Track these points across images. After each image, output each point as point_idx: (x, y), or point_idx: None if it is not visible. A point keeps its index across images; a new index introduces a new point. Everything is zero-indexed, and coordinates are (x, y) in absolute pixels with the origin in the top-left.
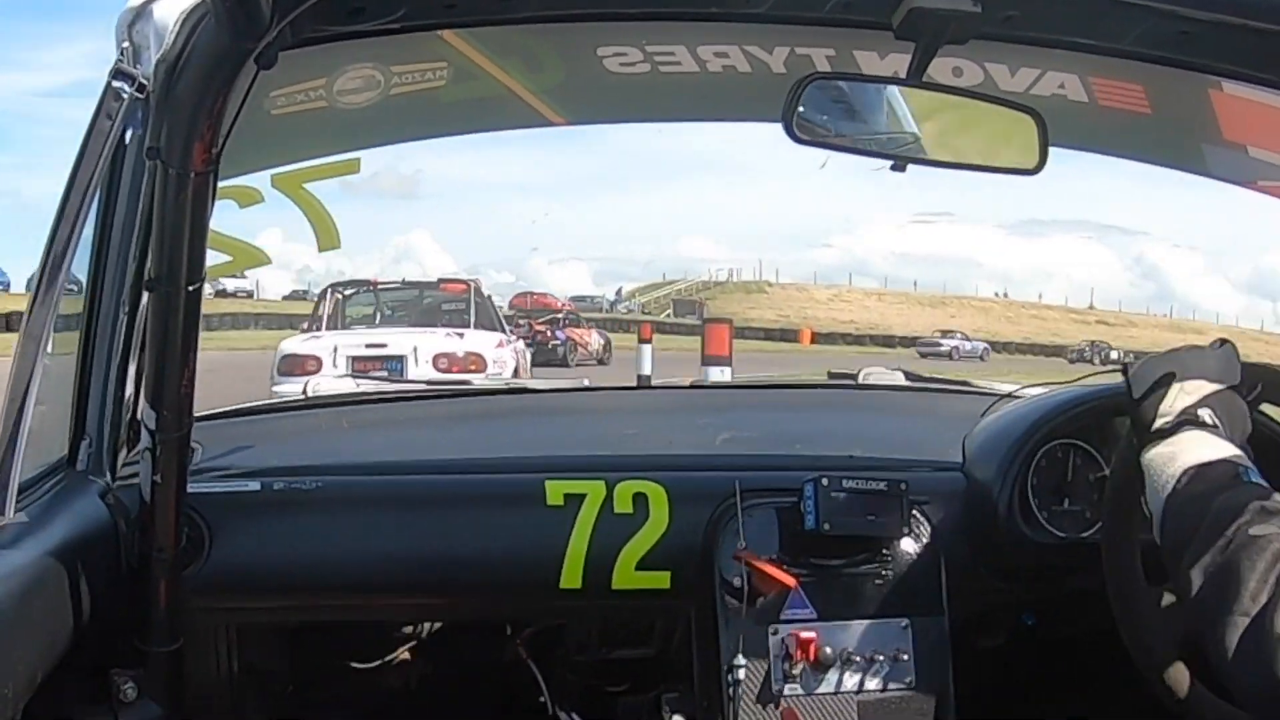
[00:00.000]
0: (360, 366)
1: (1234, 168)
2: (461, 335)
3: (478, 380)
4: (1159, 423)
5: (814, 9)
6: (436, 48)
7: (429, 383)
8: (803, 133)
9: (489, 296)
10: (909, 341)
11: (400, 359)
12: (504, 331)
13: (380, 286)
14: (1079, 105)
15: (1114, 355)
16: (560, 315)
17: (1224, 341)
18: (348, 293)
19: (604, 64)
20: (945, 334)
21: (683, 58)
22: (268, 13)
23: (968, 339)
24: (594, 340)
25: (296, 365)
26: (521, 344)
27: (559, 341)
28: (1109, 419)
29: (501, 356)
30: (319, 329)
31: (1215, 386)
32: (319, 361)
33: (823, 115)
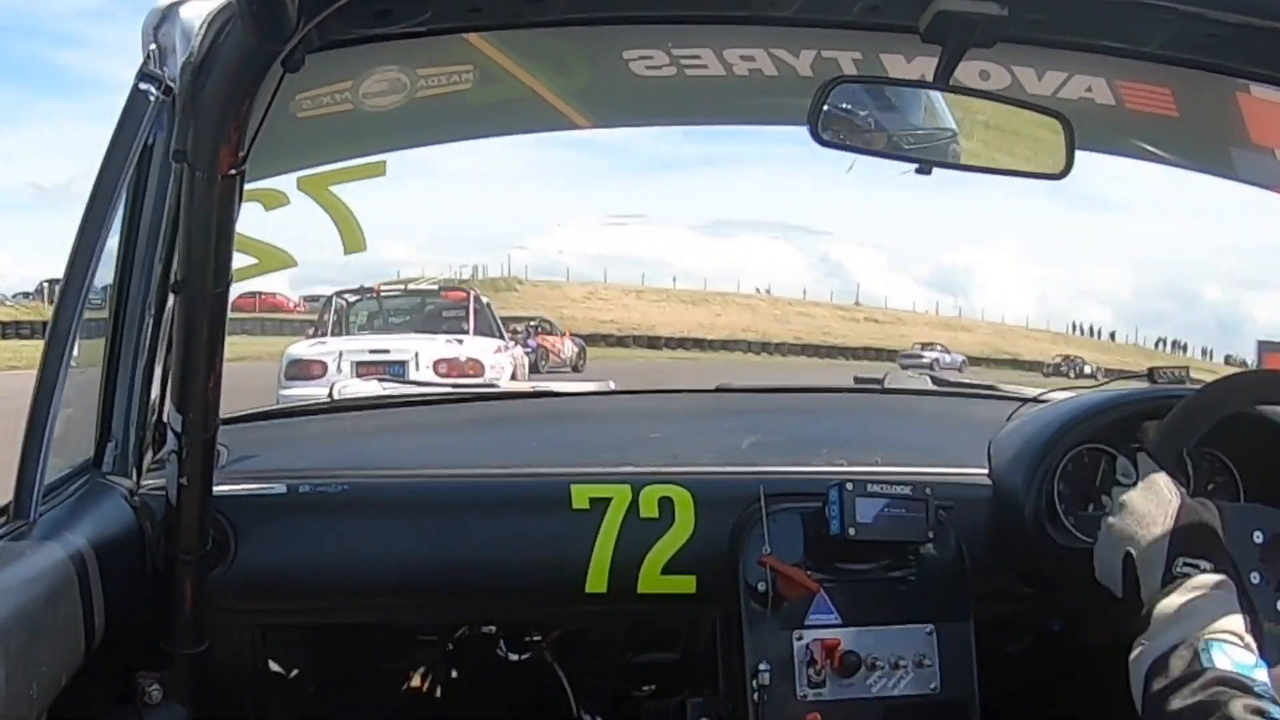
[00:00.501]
0: (364, 371)
1: (1262, 171)
2: (461, 341)
3: (501, 384)
4: (1146, 607)
5: (840, 12)
6: (462, 51)
7: (452, 386)
8: (828, 136)
9: (488, 304)
10: (674, 343)
11: (402, 364)
12: (502, 338)
13: (383, 294)
14: (1106, 109)
15: (1087, 370)
16: (533, 322)
17: (1134, 457)
18: (352, 300)
19: (630, 67)
20: (926, 346)
21: (708, 61)
22: (294, 15)
23: (947, 351)
24: (566, 347)
25: (303, 370)
26: (520, 350)
27: (529, 349)
28: (1136, 423)
29: (499, 362)
30: (324, 335)
31: (1165, 527)
32: (324, 366)
33: (848, 119)
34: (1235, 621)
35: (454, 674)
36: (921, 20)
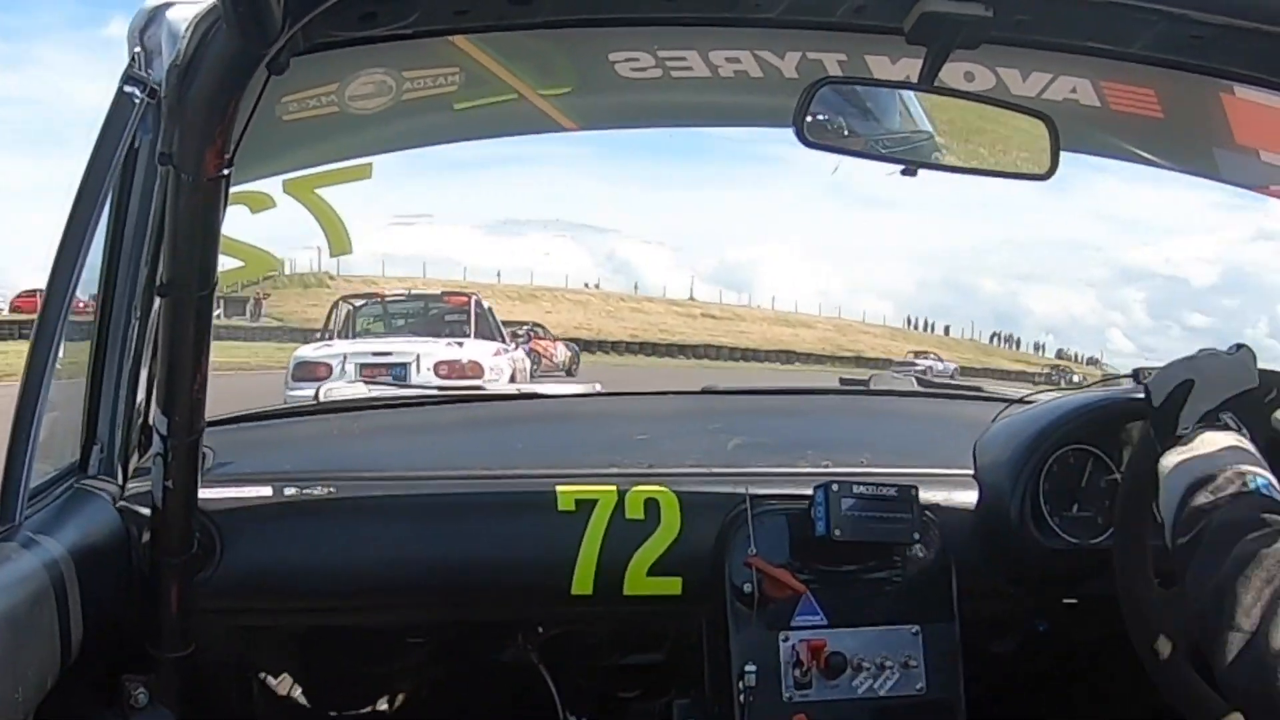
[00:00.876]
0: (368, 373)
1: (1246, 172)
2: (461, 344)
3: (490, 386)
4: (1179, 429)
5: (826, 14)
6: (448, 53)
7: (439, 388)
8: (814, 137)
9: (489, 308)
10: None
11: (404, 366)
12: (503, 341)
13: (388, 299)
14: (1091, 110)
15: (1075, 379)
16: (526, 326)
17: (1240, 346)
18: (358, 304)
19: (615, 69)
20: (919, 354)
21: (694, 63)
22: (279, 18)
23: (940, 359)
24: (560, 352)
25: (309, 371)
26: (521, 353)
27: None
28: (1121, 424)
29: (498, 364)
30: (330, 338)
31: (1233, 391)
32: (329, 368)
33: (834, 120)
34: (1274, 479)
35: (440, 676)
36: (906, 21)
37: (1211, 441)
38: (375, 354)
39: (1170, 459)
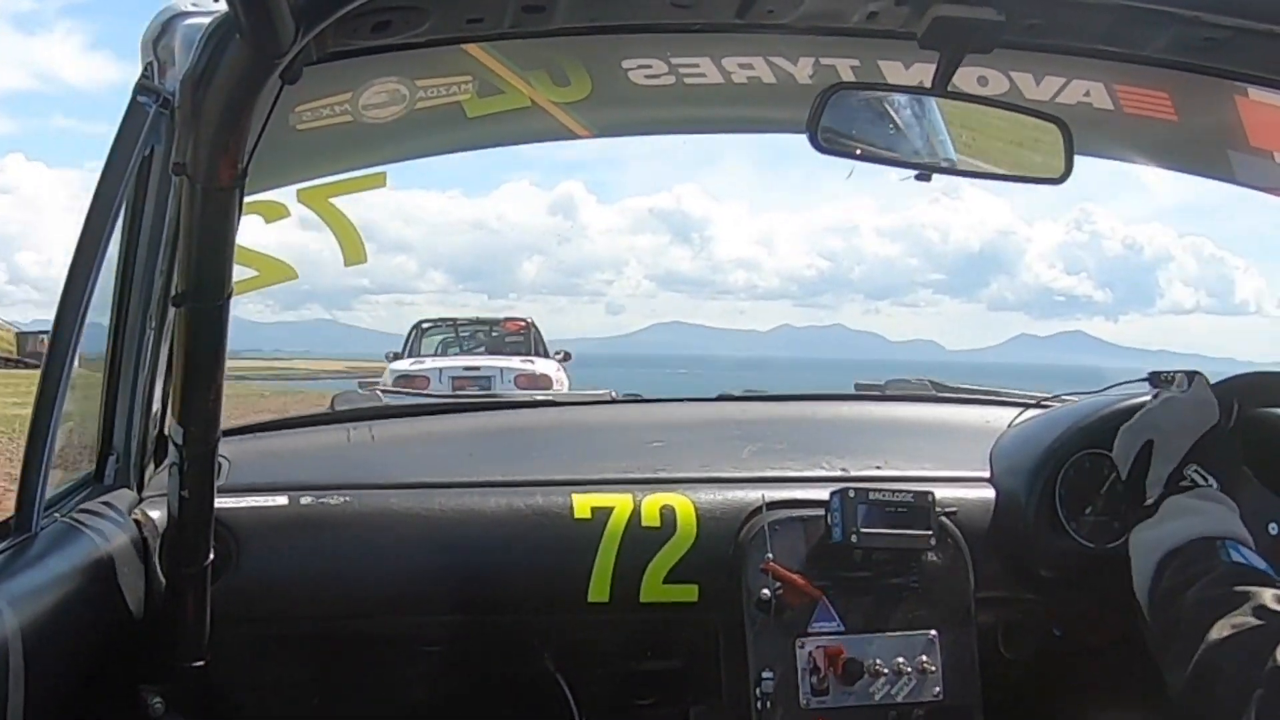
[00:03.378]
0: (459, 384)
1: (1260, 174)
2: (533, 361)
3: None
4: (1148, 498)
5: (839, 20)
6: (461, 61)
7: (460, 397)
8: (827, 143)
9: (539, 331)
10: None
11: (489, 378)
12: (547, 356)
13: (459, 323)
14: (1105, 113)
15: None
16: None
17: (1193, 376)
18: (426, 326)
19: (629, 76)
20: None
21: (707, 69)
22: (292, 27)
23: None
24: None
25: (409, 383)
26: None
27: None
28: None
29: (561, 377)
30: (415, 355)
31: (1194, 437)
32: (427, 380)
33: (847, 126)
34: (1245, 535)
35: (456, 684)
36: (919, 26)
37: (1177, 510)
38: (466, 368)
39: (1139, 535)
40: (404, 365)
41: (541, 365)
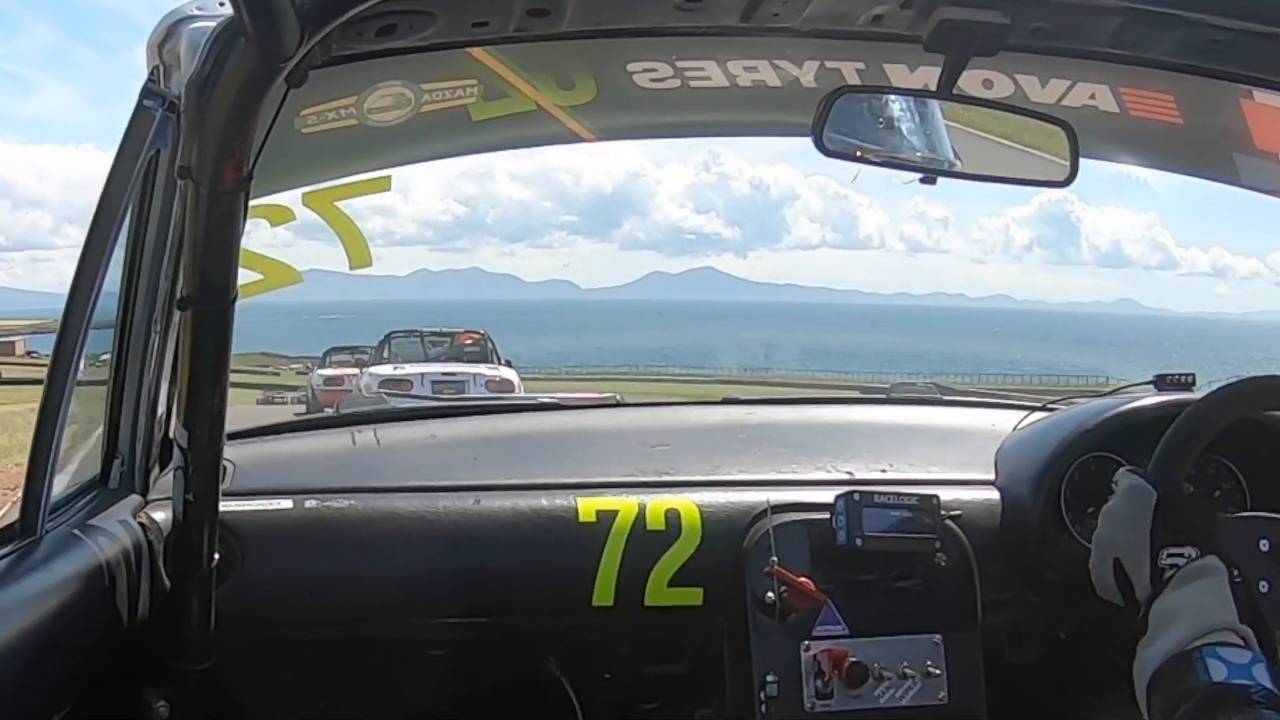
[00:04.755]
0: (438, 388)
1: (1266, 177)
2: (498, 368)
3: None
4: (1142, 610)
5: (844, 23)
6: (467, 65)
7: (470, 398)
8: (833, 146)
9: (494, 342)
10: None
11: (464, 382)
12: (501, 364)
13: (426, 334)
14: (1110, 116)
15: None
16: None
17: (1125, 473)
18: (397, 337)
19: (634, 80)
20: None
21: (713, 73)
22: (298, 31)
23: None
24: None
25: (395, 386)
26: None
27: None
28: (1142, 431)
29: (518, 382)
30: (386, 361)
31: (1147, 529)
32: (410, 383)
33: (853, 129)
34: (1229, 612)
35: (462, 687)
36: (925, 29)
37: (1160, 620)
38: (444, 373)
39: (1138, 658)
40: (386, 370)
41: (505, 372)
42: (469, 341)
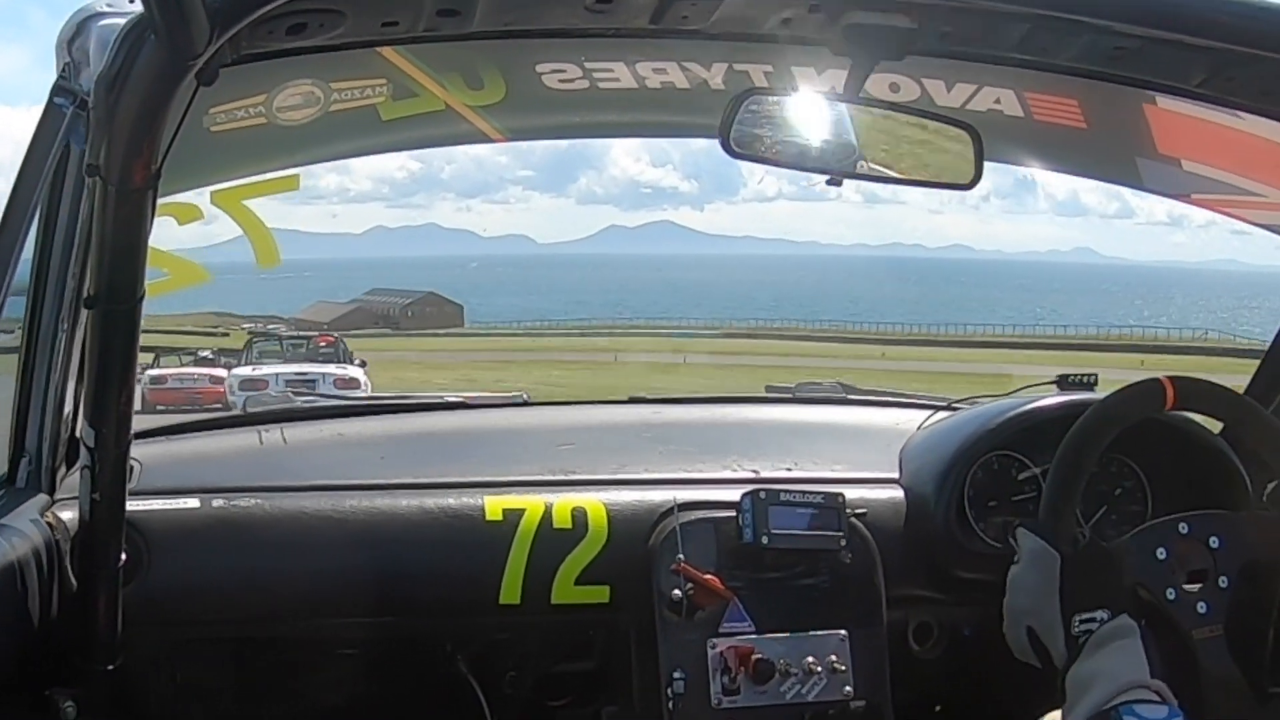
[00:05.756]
0: (292, 386)
1: (1168, 181)
2: (345, 368)
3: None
4: (1059, 678)
5: (753, 26)
6: (377, 64)
7: (368, 397)
8: (740, 148)
9: (346, 345)
10: None
11: (314, 380)
12: (351, 363)
13: (285, 337)
14: (1015, 120)
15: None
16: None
17: (1026, 529)
18: (258, 342)
19: (543, 81)
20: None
21: (621, 74)
22: (207, 29)
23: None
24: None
25: (252, 385)
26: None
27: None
28: (1044, 430)
29: (364, 379)
30: (251, 363)
31: (1054, 594)
32: (266, 382)
33: (760, 131)
34: (1141, 671)
35: (373, 687)
36: (833, 34)
37: (1077, 685)
38: (296, 373)
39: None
40: (246, 371)
41: (352, 370)
42: (324, 344)
